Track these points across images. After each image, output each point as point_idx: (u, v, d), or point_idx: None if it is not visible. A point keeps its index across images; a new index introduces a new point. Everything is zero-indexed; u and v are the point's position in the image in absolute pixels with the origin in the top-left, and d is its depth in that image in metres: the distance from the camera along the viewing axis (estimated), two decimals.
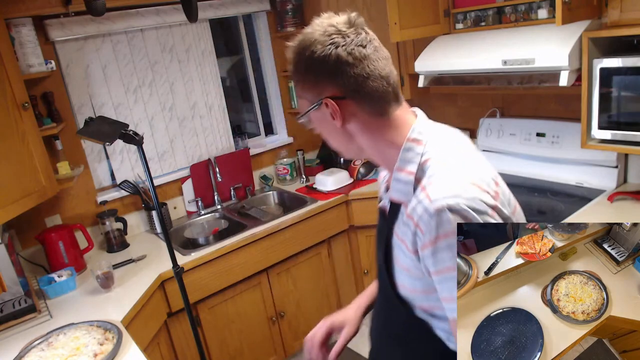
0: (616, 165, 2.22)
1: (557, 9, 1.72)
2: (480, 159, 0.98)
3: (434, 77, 2.46)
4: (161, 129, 2.70)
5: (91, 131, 1.88)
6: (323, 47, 0.94)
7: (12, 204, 1.86)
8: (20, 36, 2.05)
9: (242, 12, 2.88)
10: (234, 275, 2.40)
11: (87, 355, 1.51)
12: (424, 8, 2.40)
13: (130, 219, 2.61)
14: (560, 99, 2.43)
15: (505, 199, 0.97)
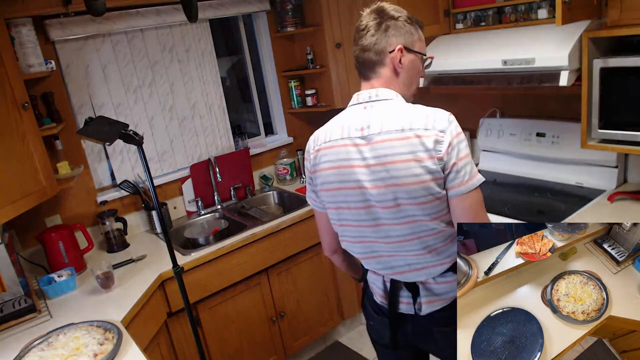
0: (616, 165, 2.22)
1: (557, 9, 1.72)
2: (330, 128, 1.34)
3: (434, 77, 2.46)
4: (161, 129, 2.70)
5: (91, 131, 1.88)
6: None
7: (12, 204, 1.85)
8: (20, 36, 2.05)
9: (242, 12, 2.88)
10: (234, 275, 2.40)
11: (87, 355, 1.51)
12: (424, 8, 2.40)
13: (130, 219, 2.61)
14: (560, 99, 2.43)
15: (313, 162, 1.35)
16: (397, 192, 1.23)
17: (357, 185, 1.27)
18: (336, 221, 1.39)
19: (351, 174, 1.27)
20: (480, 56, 2.17)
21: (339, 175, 1.29)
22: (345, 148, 1.28)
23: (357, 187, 1.27)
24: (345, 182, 1.29)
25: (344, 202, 1.32)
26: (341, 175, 1.29)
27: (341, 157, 1.28)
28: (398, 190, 1.22)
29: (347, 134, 1.28)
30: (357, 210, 1.31)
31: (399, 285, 1.40)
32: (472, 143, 2.88)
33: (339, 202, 1.33)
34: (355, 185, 1.27)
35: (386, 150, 1.22)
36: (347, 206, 1.32)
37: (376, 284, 1.45)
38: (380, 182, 1.24)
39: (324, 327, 2.87)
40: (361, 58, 1.30)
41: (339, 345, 2.95)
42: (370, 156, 1.24)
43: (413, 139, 1.20)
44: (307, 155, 1.39)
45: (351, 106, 1.33)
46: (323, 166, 1.32)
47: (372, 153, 1.24)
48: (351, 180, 1.28)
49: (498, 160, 2.68)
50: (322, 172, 1.32)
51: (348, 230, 1.37)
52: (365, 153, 1.25)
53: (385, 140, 1.22)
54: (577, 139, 2.02)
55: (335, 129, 1.31)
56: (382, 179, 1.23)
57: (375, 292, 1.47)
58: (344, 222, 1.36)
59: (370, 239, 1.34)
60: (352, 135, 1.27)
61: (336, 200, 1.33)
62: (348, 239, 1.40)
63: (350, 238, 1.39)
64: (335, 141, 1.30)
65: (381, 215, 1.28)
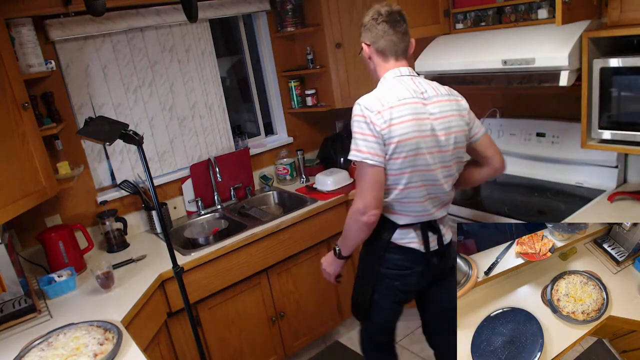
0: (616, 165, 2.22)
1: (557, 9, 1.72)
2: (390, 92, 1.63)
3: (434, 77, 2.46)
4: (161, 129, 2.70)
5: (91, 131, 1.88)
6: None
7: (12, 204, 1.85)
8: (20, 36, 2.05)
9: (242, 12, 2.88)
10: (234, 275, 2.40)
11: (87, 355, 1.51)
12: (424, 8, 2.40)
13: (130, 219, 2.61)
14: (560, 99, 2.43)
15: (386, 118, 1.57)
16: (455, 138, 1.66)
17: (432, 134, 1.61)
18: (408, 168, 1.63)
19: (426, 125, 1.61)
20: (480, 56, 2.17)
21: (417, 126, 1.59)
22: (417, 105, 1.61)
23: (431, 135, 1.61)
24: (422, 131, 1.60)
25: (422, 148, 1.61)
26: (419, 125, 1.59)
27: (418, 111, 1.60)
28: (455, 137, 1.66)
29: (415, 95, 1.62)
30: (432, 155, 1.63)
31: (428, 226, 1.75)
32: None
33: (416, 150, 1.61)
34: (430, 134, 1.61)
35: (443, 107, 1.64)
36: (423, 152, 1.61)
37: (408, 236, 1.74)
38: (445, 130, 1.63)
39: (324, 327, 2.87)
40: (399, 41, 1.68)
41: (339, 345, 2.95)
42: (435, 112, 1.63)
43: (455, 102, 1.68)
44: (372, 115, 1.58)
45: (396, 77, 1.68)
46: (403, 119, 1.58)
47: (435, 109, 1.63)
48: (427, 130, 1.61)
49: None
50: (402, 124, 1.58)
51: (416, 175, 1.65)
52: (431, 109, 1.62)
53: (441, 101, 1.65)
54: (577, 139, 2.02)
55: (400, 91, 1.62)
56: (445, 128, 1.63)
57: (410, 243, 1.75)
58: (417, 167, 1.64)
59: (432, 182, 1.68)
60: (419, 97, 1.62)
61: (414, 148, 1.60)
62: (414, 184, 1.66)
63: (417, 183, 1.66)
64: (409, 99, 1.61)
65: (445, 158, 1.66)
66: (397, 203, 1.69)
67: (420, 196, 1.68)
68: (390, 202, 1.69)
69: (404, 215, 1.72)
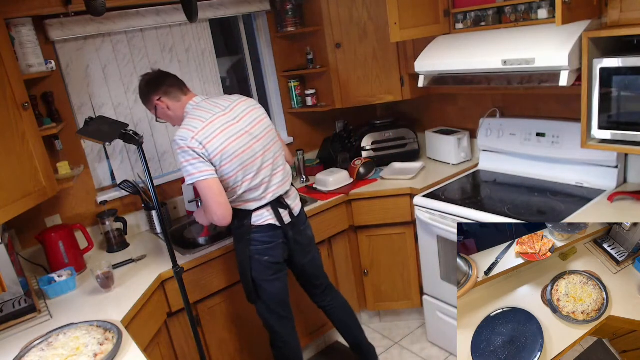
0: (616, 165, 2.22)
1: (557, 9, 1.72)
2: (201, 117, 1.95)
3: (434, 77, 2.46)
4: (161, 129, 2.70)
5: (91, 131, 1.88)
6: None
7: (12, 204, 1.85)
8: (20, 36, 2.05)
9: (242, 12, 2.88)
10: (234, 275, 2.40)
11: (87, 355, 1.51)
12: (424, 8, 2.40)
13: (130, 219, 2.61)
14: (560, 99, 2.43)
15: (201, 139, 1.87)
16: (263, 125, 2.07)
17: (244, 132, 1.98)
18: (239, 167, 1.94)
19: (235, 128, 1.96)
20: (480, 56, 2.17)
21: (228, 133, 1.93)
22: (221, 118, 1.96)
23: (244, 133, 1.98)
24: (234, 134, 1.95)
25: (242, 146, 1.95)
26: (230, 132, 1.94)
27: (223, 122, 1.95)
28: (262, 124, 2.07)
29: (214, 113, 1.96)
30: (251, 148, 1.98)
31: (278, 203, 2.05)
32: (472, 143, 2.88)
33: (237, 150, 1.94)
34: (243, 132, 1.98)
35: (241, 108, 2.03)
36: (244, 149, 1.95)
37: (263, 216, 2.03)
38: (251, 124, 2.01)
39: (323, 327, 2.87)
40: (177, 80, 2.14)
41: (339, 345, 2.95)
42: (237, 114, 2.00)
43: (247, 100, 2.10)
44: (188, 142, 1.87)
45: (195, 106, 2.01)
46: (214, 135, 1.90)
47: (236, 113, 2.00)
48: (238, 131, 1.97)
49: (498, 160, 2.68)
50: (214, 139, 1.90)
51: (248, 169, 1.96)
52: (233, 115, 1.99)
53: (237, 104, 2.04)
54: (577, 139, 2.02)
55: (202, 115, 1.95)
56: (251, 122, 2.01)
57: (267, 221, 2.03)
58: (245, 163, 1.95)
59: (263, 167, 2.00)
60: (218, 112, 1.98)
61: (235, 150, 1.93)
62: (249, 176, 1.97)
63: (251, 174, 1.97)
64: (211, 118, 1.94)
65: (265, 143, 2.04)
66: (244, 194, 1.99)
67: (257, 183, 1.98)
68: (238, 197, 1.99)
69: (253, 201, 2.01)
